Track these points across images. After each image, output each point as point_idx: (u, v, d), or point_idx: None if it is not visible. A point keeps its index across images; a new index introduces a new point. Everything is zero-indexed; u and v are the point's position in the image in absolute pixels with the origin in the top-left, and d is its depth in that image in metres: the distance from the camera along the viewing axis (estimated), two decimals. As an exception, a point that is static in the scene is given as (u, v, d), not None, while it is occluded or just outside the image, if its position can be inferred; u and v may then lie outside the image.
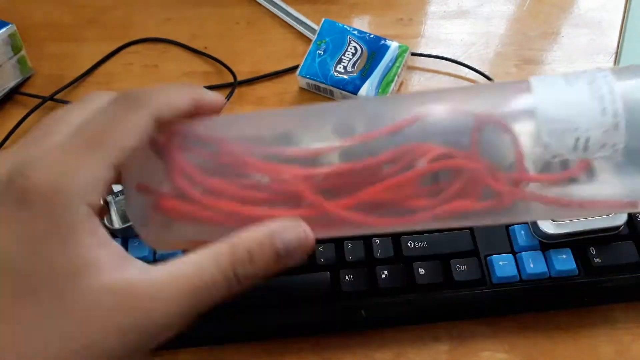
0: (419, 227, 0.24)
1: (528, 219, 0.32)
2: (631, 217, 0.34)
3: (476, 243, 0.34)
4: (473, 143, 0.22)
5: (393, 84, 0.42)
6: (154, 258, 0.34)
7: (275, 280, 0.33)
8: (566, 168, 0.22)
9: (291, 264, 0.21)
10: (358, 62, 0.43)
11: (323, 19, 0.45)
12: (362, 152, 0.22)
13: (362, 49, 0.44)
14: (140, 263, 0.20)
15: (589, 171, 0.22)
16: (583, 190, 0.22)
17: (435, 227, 0.24)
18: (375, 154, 0.22)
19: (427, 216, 0.22)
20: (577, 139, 0.21)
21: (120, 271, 0.19)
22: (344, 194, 0.22)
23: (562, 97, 0.21)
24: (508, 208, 0.22)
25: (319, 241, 0.34)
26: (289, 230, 0.21)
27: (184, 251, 0.21)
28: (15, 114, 0.45)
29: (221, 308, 0.33)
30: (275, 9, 0.50)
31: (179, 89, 0.22)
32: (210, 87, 0.46)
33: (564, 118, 0.21)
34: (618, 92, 0.21)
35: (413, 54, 0.46)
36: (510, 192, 0.22)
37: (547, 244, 0.33)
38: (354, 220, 0.22)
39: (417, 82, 0.46)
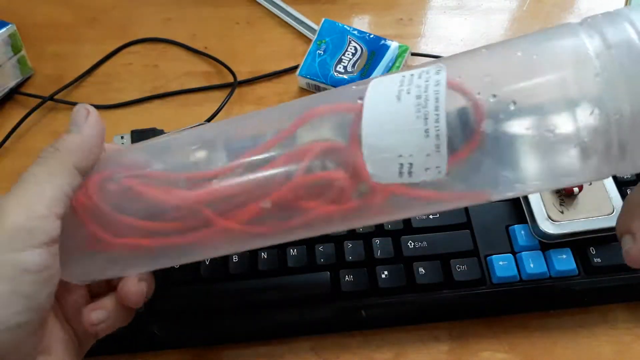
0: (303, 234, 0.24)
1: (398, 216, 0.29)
2: (631, 217, 0.34)
3: (476, 243, 0.34)
4: (351, 137, 0.22)
5: (393, 84, 0.42)
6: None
7: (275, 280, 0.33)
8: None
9: (84, 130, 0.24)
10: (358, 62, 0.43)
11: (323, 19, 0.45)
12: (255, 164, 0.23)
13: (362, 49, 0.44)
14: None
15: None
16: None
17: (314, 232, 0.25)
18: (265, 165, 0.23)
19: (300, 221, 0.23)
20: (401, 165, 0.20)
21: None
22: (241, 207, 0.23)
23: (388, 118, 0.21)
24: (378, 206, 0.22)
25: (319, 241, 0.34)
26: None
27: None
28: (15, 114, 0.45)
29: (221, 309, 0.33)
30: (275, 9, 0.50)
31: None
32: (210, 87, 0.46)
33: (387, 146, 0.20)
34: (443, 106, 0.20)
35: (413, 54, 0.46)
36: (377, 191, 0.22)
37: (547, 244, 0.33)
38: (251, 231, 0.23)
39: (417, 82, 0.46)
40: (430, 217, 0.35)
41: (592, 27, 0.20)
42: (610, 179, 0.34)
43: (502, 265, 0.33)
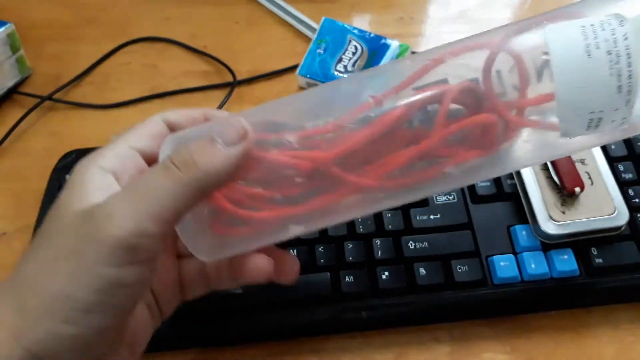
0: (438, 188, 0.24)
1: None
2: (633, 217, 0.33)
3: (477, 243, 0.34)
4: (487, 78, 0.22)
5: (393, 84, 0.42)
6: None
7: (275, 281, 0.33)
8: None
9: (231, 152, 0.21)
10: (358, 61, 0.43)
11: (323, 18, 0.45)
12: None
13: (362, 48, 0.43)
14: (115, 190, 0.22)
15: None
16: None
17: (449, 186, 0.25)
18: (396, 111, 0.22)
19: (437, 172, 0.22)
20: (591, 120, 0.21)
21: (94, 199, 0.21)
22: (373, 163, 0.22)
23: (581, 76, 0.21)
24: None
25: (319, 241, 0.34)
26: (222, 120, 0.24)
27: None
28: (13, 113, 0.45)
29: (221, 310, 0.33)
30: (275, 8, 0.50)
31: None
32: (209, 87, 0.46)
33: (580, 103, 0.21)
34: (636, 61, 0.20)
35: (414, 53, 0.46)
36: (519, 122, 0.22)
37: (549, 244, 0.33)
38: (387, 187, 0.22)
39: (418, 81, 0.45)
40: (431, 217, 0.34)
41: None
42: (612, 179, 0.34)
43: (503, 266, 0.32)
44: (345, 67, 0.43)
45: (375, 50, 0.43)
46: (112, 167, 0.22)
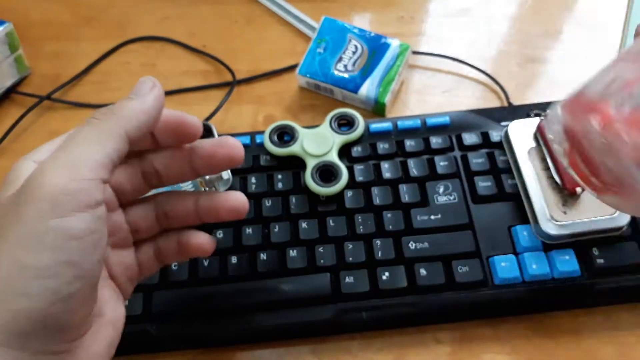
0: None
1: None
2: (634, 218, 0.33)
3: (478, 244, 0.33)
4: None
5: (394, 83, 0.42)
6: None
7: (274, 282, 0.33)
8: None
9: (144, 98, 0.23)
10: (358, 60, 0.43)
11: (323, 17, 0.45)
12: None
13: (362, 47, 0.43)
14: None
15: None
16: None
17: None
18: None
19: None
20: None
21: None
22: None
23: None
24: None
25: (319, 241, 0.33)
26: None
27: None
28: (12, 113, 0.44)
29: (220, 311, 0.32)
30: (274, 7, 0.50)
31: None
32: (208, 86, 0.46)
33: None
34: None
35: (414, 53, 0.46)
36: None
37: (550, 244, 0.33)
38: None
39: (419, 81, 0.45)
40: (432, 217, 0.34)
41: None
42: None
43: (504, 267, 0.32)
44: (345, 66, 0.42)
45: (375, 49, 0.43)
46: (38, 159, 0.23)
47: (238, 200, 0.28)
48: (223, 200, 0.27)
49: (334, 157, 0.36)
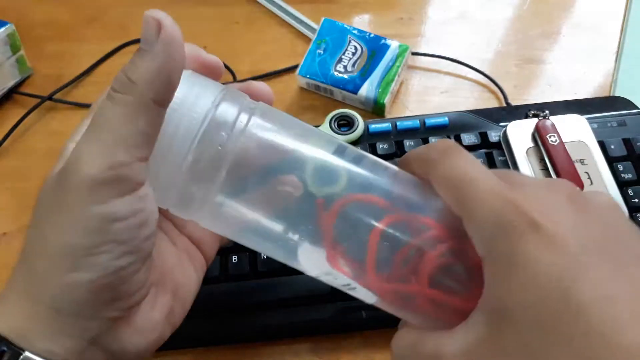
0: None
1: None
2: (633, 217, 0.33)
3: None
4: None
5: (393, 84, 0.42)
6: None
7: (274, 281, 0.33)
8: None
9: (155, 49, 0.21)
10: (358, 61, 0.43)
11: (323, 18, 0.45)
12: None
13: (362, 48, 0.43)
14: None
15: None
16: None
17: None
18: None
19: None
20: None
21: None
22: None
23: None
24: None
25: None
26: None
27: None
28: (14, 113, 0.45)
29: (221, 310, 0.33)
30: (274, 8, 0.50)
31: None
32: (209, 87, 0.46)
33: None
34: None
35: (413, 54, 0.46)
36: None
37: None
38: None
39: (418, 81, 0.46)
40: (431, 217, 0.34)
41: None
42: (611, 179, 0.34)
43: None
44: (345, 67, 0.43)
45: (375, 50, 0.43)
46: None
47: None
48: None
49: (333, 157, 0.37)
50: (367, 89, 0.42)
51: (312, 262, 0.23)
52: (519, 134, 0.36)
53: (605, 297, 0.16)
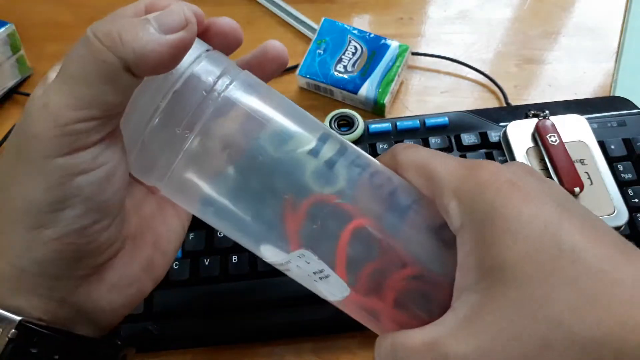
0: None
1: None
2: (632, 217, 0.33)
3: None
4: None
5: (393, 84, 0.42)
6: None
7: (274, 281, 0.33)
8: None
9: (165, 39, 0.19)
10: (358, 61, 0.43)
11: (323, 18, 0.45)
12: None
13: (362, 48, 0.43)
14: None
15: None
16: None
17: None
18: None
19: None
20: None
21: None
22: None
23: None
24: None
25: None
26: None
27: None
28: (13, 113, 0.45)
29: (221, 309, 0.33)
30: (274, 8, 0.50)
31: None
32: (209, 87, 0.46)
33: None
34: None
35: (413, 54, 0.46)
36: None
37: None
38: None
39: (418, 81, 0.46)
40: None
41: None
42: (611, 179, 0.34)
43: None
44: (345, 67, 0.43)
45: (375, 50, 0.43)
46: None
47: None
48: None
49: (333, 157, 0.37)
50: (367, 89, 0.42)
51: (273, 252, 0.22)
52: (519, 134, 0.36)
53: (591, 239, 0.17)
